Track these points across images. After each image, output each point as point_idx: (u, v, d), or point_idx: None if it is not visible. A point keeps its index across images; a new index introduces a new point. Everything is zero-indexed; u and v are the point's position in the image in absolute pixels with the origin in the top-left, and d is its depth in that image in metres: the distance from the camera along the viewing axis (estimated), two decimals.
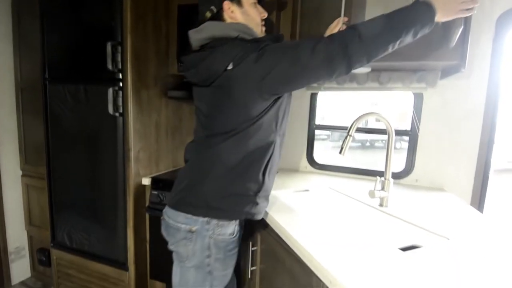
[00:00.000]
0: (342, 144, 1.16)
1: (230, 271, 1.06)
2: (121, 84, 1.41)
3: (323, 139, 10.21)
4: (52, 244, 1.70)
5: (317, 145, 1.93)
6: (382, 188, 1.21)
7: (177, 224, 0.98)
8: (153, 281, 1.60)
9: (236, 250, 1.05)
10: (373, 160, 8.84)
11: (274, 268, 1.14)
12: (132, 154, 1.46)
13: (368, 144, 10.93)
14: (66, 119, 1.55)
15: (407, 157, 1.63)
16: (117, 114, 1.42)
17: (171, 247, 1.05)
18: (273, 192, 1.33)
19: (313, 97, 1.80)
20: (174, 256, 1.07)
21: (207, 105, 1.00)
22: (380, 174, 1.67)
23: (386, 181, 1.21)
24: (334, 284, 0.70)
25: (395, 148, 1.24)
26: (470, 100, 1.47)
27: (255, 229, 1.27)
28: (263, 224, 1.14)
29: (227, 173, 0.96)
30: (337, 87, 1.71)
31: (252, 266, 1.27)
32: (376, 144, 10.92)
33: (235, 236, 1.01)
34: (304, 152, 1.84)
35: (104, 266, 1.58)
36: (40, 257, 1.95)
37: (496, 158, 1.53)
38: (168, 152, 1.75)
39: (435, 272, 0.74)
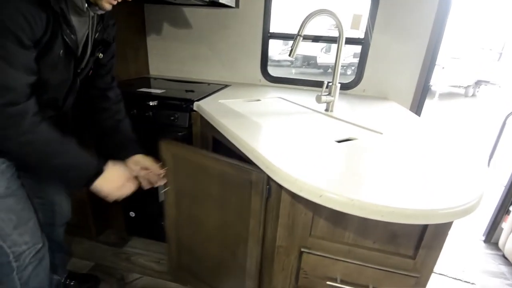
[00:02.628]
0: (291, 45, 1.10)
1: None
2: None
3: (287, 66, 10.01)
4: None
5: (279, 71, 1.86)
6: (329, 93, 1.23)
7: None
8: None
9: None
10: None
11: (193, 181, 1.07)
12: None
13: (329, 70, 10.98)
14: None
15: (357, 67, 1.65)
16: None
17: None
18: (222, 101, 1.30)
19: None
20: None
21: None
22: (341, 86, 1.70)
23: (333, 86, 1.22)
24: (271, 169, 0.74)
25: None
26: (422, 10, 1.45)
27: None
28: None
29: None
30: None
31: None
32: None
33: None
34: (258, 64, 1.76)
35: None
36: None
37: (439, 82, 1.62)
38: None
39: (365, 157, 0.81)
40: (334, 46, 1.44)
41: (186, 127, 1.28)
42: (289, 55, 1.11)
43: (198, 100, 1.28)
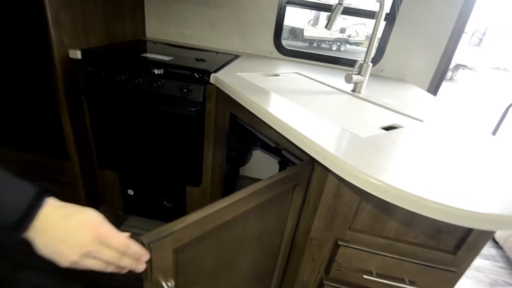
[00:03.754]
0: (329, 15, 0.97)
1: None
2: None
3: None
4: None
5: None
6: (359, 72, 1.14)
7: None
8: (103, 171, 1.46)
9: None
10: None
11: None
12: (49, 13, 1.05)
13: (315, 44, 10.66)
14: None
15: (379, 44, 1.55)
16: None
17: None
18: (240, 74, 1.16)
19: None
20: None
21: None
22: (351, 63, 1.60)
23: (365, 64, 1.12)
24: (326, 158, 0.65)
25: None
26: None
27: None
28: None
29: None
30: None
31: None
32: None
33: None
34: (271, 35, 1.61)
35: (41, 157, 1.35)
36: None
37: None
38: (99, 21, 1.34)
39: (420, 149, 0.74)
40: (321, 19, 1.31)
41: (200, 101, 1.15)
42: (326, 26, 0.99)
43: (215, 72, 1.13)
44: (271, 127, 0.84)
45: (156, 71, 1.16)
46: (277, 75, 1.30)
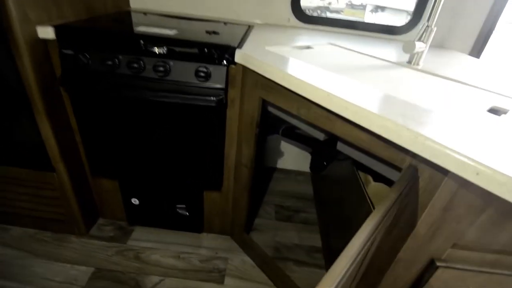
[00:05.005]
0: None
1: None
2: None
3: None
4: None
5: None
6: (420, 39, 0.91)
7: None
8: (98, 180, 1.19)
9: None
10: None
11: None
12: None
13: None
14: None
15: (415, 8, 1.31)
16: None
17: None
18: (269, 48, 0.91)
19: None
20: None
21: None
22: (383, 29, 1.36)
23: (429, 29, 0.89)
24: (436, 155, 0.44)
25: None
26: None
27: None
28: None
29: None
30: None
31: None
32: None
33: None
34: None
35: (20, 170, 1.07)
36: None
37: None
38: None
39: None
40: None
41: (223, 87, 0.89)
42: None
43: (239, 47, 0.87)
44: (351, 124, 0.61)
45: (157, 50, 0.88)
46: (309, 47, 1.05)
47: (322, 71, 0.74)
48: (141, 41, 0.89)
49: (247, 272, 1.19)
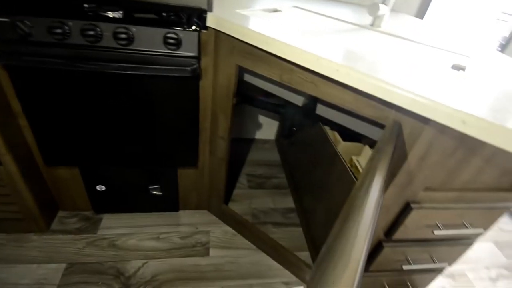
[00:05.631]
0: None
1: None
2: None
3: None
4: None
5: None
6: (383, 1, 0.95)
7: None
8: (54, 168, 1.05)
9: None
10: None
11: None
12: None
13: None
14: None
15: None
16: None
17: None
18: (240, 11, 0.87)
19: None
20: None
21: None
22: None
23: None
24: (427, 110, 0.50)
25: None
26: None
27: None
28: None
29: None
30: None
31: None
32: None
33: None
34: None
35: None
36: None
37: None
38: None
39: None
40: None
41: (196, 55, 0.83)
42: None
43: (209, 10, 0.80)
44: (339, 85, 0.63)
45: (111, 14, 0.77)
46: (276, 10, 1.02)
47: (300, 34, 0.74)
48: (85, 5, 0.77)
49: (230, 241, 1.22)
